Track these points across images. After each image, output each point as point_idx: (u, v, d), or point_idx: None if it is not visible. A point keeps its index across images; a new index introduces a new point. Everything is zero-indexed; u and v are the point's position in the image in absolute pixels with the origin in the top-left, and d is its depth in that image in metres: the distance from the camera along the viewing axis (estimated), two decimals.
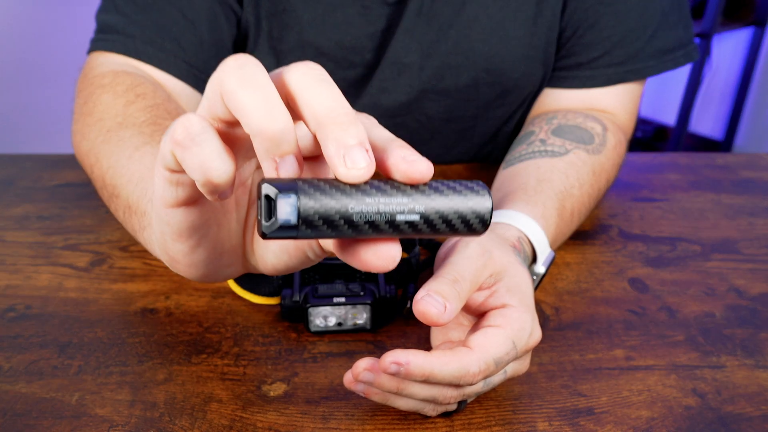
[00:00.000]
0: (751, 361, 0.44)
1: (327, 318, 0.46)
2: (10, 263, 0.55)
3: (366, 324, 0.46)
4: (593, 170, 0.57)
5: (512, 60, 0.65)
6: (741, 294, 0.51)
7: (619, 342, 0.46)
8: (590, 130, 0.61)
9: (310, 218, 0.23)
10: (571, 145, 0.58)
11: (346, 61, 0.67)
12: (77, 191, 0.68)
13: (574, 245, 0.58)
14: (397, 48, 0.66)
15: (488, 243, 0.39)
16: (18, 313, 0.49)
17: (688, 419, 0.39)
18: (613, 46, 0.64)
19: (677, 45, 0.65)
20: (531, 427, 0.38)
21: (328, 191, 0.24)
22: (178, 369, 0.43)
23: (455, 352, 0.35)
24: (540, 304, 0.50)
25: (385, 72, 0.67)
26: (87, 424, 0.38)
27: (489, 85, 0.67)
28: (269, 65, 0.67)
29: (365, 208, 0.24)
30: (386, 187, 0.24)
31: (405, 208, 0.24)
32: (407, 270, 0.50)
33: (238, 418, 0.39)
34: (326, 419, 0.39)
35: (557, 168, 0.55)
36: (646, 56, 0.64)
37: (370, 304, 0.46)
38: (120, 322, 0.48)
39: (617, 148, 0.62)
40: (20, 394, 0.41)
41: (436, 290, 0.34)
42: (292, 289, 0.47)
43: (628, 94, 0.67)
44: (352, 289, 0.47)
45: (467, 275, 0.36)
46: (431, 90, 0.68)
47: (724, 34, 2.40)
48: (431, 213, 0.25)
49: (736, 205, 0.66)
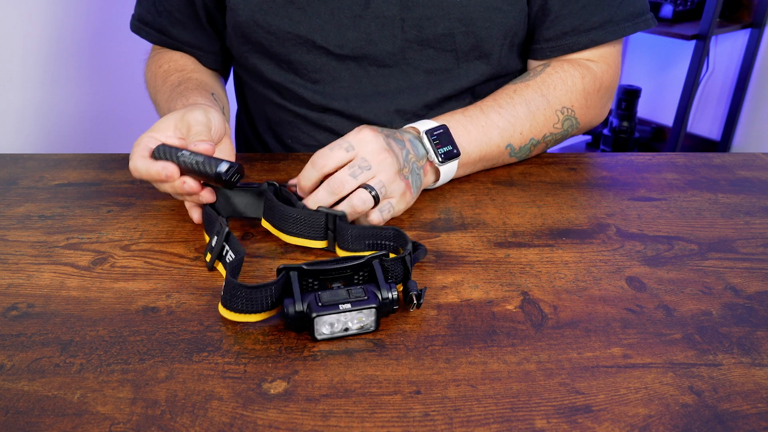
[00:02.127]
0: (747, 359, 0.44)
1: (333, 325, 0.45)
2: (13, 262, 0.55)
3: (371, 326, 0.46)
4: (514, 89, 0.73)
5: (482, 9, 0.72)
6: (738, 293, 0.52)
7: (616, 340, 0.46)
8: (529, 70, 0.77)
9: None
10: (504, 87, 0.75)
11: (311, 8, 0.73)
12: (79, 191, 0.68)
13: (572, 244, 0.58)
14: (378, 2, 0.72)
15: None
16: (20, 312, 0.49)
17: (684, 417, 0.39)
18: (590, 14, 0.73)
19: (643, 10, 0.75)
20: (529, 424, 0.39)
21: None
22: (180, 367, 0.43)
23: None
24: (538, 302, 0.50)
25: (370, 26, 0.73)
26: (89, 422, 0.39)
27: (463, 34, 0.73)
28: (246, 18, 0.74)
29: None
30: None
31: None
32: (402, 268, 0.50)
33: (239, 416, 0.39)
34: (326, 417, 0.39)
35: (479, 101, 0.73)
36: (620, 19, 0.74)
37: (376, 308, 0.46)
38: (121, 321, 0.48)
39: (556, 74, 0.74)
40: (22, 392, 0.41)
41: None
42: (293, 298, 0.46)
43: (607, 49, 0.77)
44: (355, 293, 0.46)
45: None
46: (414, 40, 0.74)
47: (721, 36, 2.40)
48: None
49: (732, 204, 0.66)
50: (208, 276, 0.53)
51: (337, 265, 0.47)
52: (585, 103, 0.75)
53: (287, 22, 0.73)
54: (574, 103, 0.74)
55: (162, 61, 0.83)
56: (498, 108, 0.71)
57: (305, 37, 0.74)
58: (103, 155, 0.78)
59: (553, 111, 0.73)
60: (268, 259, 0.56)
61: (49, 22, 1.35)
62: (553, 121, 0.73)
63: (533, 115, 0.71)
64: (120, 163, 0.75)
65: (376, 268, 0.48)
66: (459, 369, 0.43)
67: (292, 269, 0.47)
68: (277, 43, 0.75)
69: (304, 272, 0.47)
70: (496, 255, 0.57)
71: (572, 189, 0.69)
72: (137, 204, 0.65)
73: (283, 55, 0.76)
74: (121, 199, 0.67)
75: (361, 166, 0.57)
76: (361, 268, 0.49)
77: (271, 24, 0.74)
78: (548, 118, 0.73)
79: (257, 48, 0.77)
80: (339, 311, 0.45)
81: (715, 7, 2.08)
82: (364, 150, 0.58)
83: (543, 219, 0.63)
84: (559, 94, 0.73)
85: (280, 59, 0.77)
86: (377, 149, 0.58)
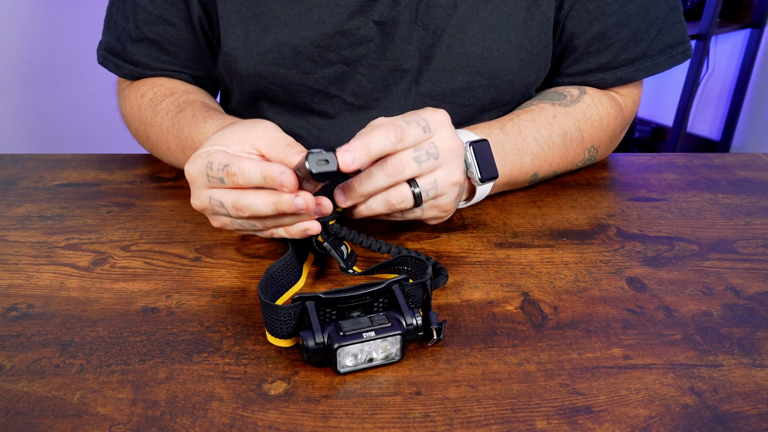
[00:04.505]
0: (748, 360, 0.44)
1: (357, 356, 0.42)
2: (12, 263, 0.55)
3: (397, 355, 0.43)
4: (554, 114, 0.66)
5: (505, 62, 0.67)
6: (738, 293, 0.52)
7: (617, 341, 0.46)
8: (564, 92, 0.69)
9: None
10: (536, 101, 0.68)
11: (323, 60, 0.67)
12: (79, 191, 0.68)
13: (572, 245, 0.58)
14: (397, 55, 0.67)
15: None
16: (20, 313, 0.49)
17: (685, 418, 0.39)
18: (620, 51, 0.68)
19: (681, 40, 0.69)
20: (529, 425, 0.39)
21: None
22: (180, 368, 0.43)
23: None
24: (538, 303, 0.50)
25: (387, 78, 0.69)
26: (88, 423, 0.39)
27: (484, 88, 0.68)
28: (247, 67, 0.68)
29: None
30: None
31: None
32: (424, 293, 0.47)
33: (239, 417, 0.39)
34: (326, 418, 0.39)
35: (514, 113, 0.66)
36: (654, 53, 0.68)
37: (401, 335, 0.43)
38: (121, 321, 0.48)
39: (596, 108, 0.68)
40: (22, 392, 0.41)
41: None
42: (312, 330, 0.42)
43: (637, 84, 0.73)
44: (378, 321, 0.43)
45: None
46: (428, 95, 0.69)
47: (721, 36, 2.40)
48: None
49: (733, 204, 0.66)
50: (208, 276, 0.53)
51: (357, 292, 0.44)
52: (608, 143, 0.71)
53: (295, 74, 0.68)
54: (602, 142, 0.70)
55: (144, 89, 0.72)
56: (536, 133, 0.64)
57: (314, 88, 0.69)
58: (102, 155, 0.77)
59: (583, 149, 0.68)
60: (269, 260, 0.56)
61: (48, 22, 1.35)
62: (579, 158, 0.69)
63: (566, 149, 0.66)
64: (120, 164, 0.75)
65: (397, 294, 0.45)
66: (459, 370, 0.43)
67: (308, 299, 0.43)
68: (282, 93, 0.70)
69: (321, 301, 0.43)
70: (497, 255, 0.57)
71: (572, 189, 0.69)
72: (137, 204, 0.65)
73: (288, 101, 0.71)
74: (120, 199, 0.67)
75: (429, 152, 0.49)
76: (381, 294, 0.45)
77: (276, 75, 0.68)
78: (577, 155, 0.68)
79: (257, 94, 0.72)
80: (363, 340, 0.42)
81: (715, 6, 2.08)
82: (439, 136, 0.49)
83: (543, 219, 0.63)
84: (594, 132, 0.68)
85: (281, 104, 0.72)
86: (452, 138, 0.50)
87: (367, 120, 0.70)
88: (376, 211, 0.51)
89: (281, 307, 0.43)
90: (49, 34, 1.36)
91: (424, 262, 0.50)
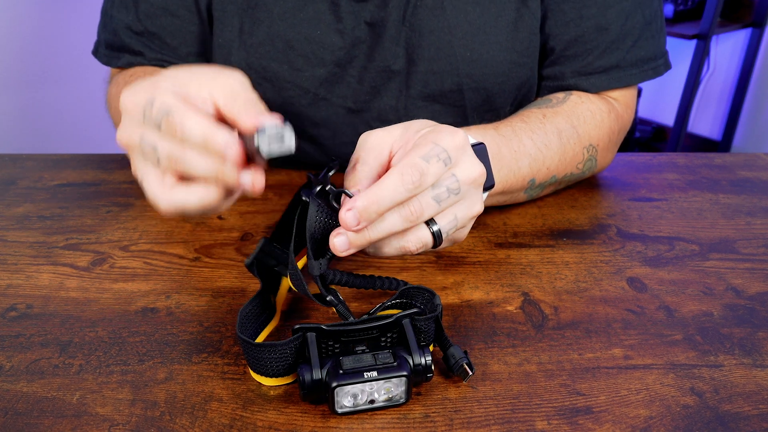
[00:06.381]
0: (748, 360, 0.44)
1: (357, 397, 0.39)
2: (12, 263, 0.55)
3: (401, 398, 0.40)
4: (543, 114, 0.63)
5: (494, 64, 0.66)
6: (739, 293, 0.52)
7: (617, 341, 0.46)
8: (550, 97, 0.67)
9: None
10: (522, 109, 0.65)
11: (316, 58, 0.67)
12: (78, 191, 0.68)
13: (573, 245, 0.58)
14: (385, 56, 0.67)
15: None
16: (19, 313, 0.49)
17: (686, 418, 0.39)
18: (596, 58, 0.67)
19: (653, 56, 0.68)
20: (530, 425, 0.39)
21: None
22: (179, 368, 0.43)
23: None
24: (539, 303, 0.50)
25: (376, 80, 0.69)
26: (88, 423, 0.39)
27: (474, 90, 0.68)
28: (239, 60, 0.68)
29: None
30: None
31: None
32: (435, 327, 0.43)
33: (239, 417, 0.39)
34: (326, 418, 0.39)
35: (505, 119, 0.63)
36: (627, 64, 0.67)
37: (407, 377, 0.39)
38: (121, 322, 0.48)
39: (584, 104, 0.66)
40: (21, 393, 0.41)
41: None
42: (311, 365, 0.39)
43: (628, 89, 0.71)
44: (382, 359, 0.39)
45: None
46: (418, 96, 0.69)
47: (722, 35, 2.40)
48: None
49: (733, 204, 0.66)
50: (208, 276, 0.53)
51: (363, 326, 0.40)
52: (607, 143, 0.67)
53: (287, 70, 0.67)
54: (600, 141, 0.66)
55: (134, 71, 0.71)
56: (530, 132, 0.60)
57: (304, 87, 0.68)
58: (102, 155, 0.77)
59: (581, 147, 0.64)
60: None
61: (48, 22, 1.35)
62: (579, 159, 0.64)
63: (564, 148, 0.62)
64: (119, 164, 0.75)
65: (407, 329, 0.41)
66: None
67: (309, 330, 0.40)
68: (272, 90, 0.69)
69: (323, 333, 0.40)
70: (497, 255, 0.57)
71: (573, 189, 0.69)
72: (136, 204, 0.65)
73: (277, 101, 0.70)
74: (120, 199, 0.66)
75: (451, 188, 0.42)
76: (389, 329, 0.41)
77: (267, 69, 0.67)
78: (576, 154, 0.64)
79: None
80: (363, 380, 0.38)
81: (716, 6, 2.08)
82: (461, 167, 0.43)
83: (543, 219, 0.63)
84: (589, 129, 0.64)
85: (270, 105, 0.66)
86: (473, 166, 0.43)
87: (359, 123, 0.71)
88: (387, 255, 0.44)
89: (279, 343, 0.40)
90: (49, 34, 1.36)
91: (433, 293, 0.45)
